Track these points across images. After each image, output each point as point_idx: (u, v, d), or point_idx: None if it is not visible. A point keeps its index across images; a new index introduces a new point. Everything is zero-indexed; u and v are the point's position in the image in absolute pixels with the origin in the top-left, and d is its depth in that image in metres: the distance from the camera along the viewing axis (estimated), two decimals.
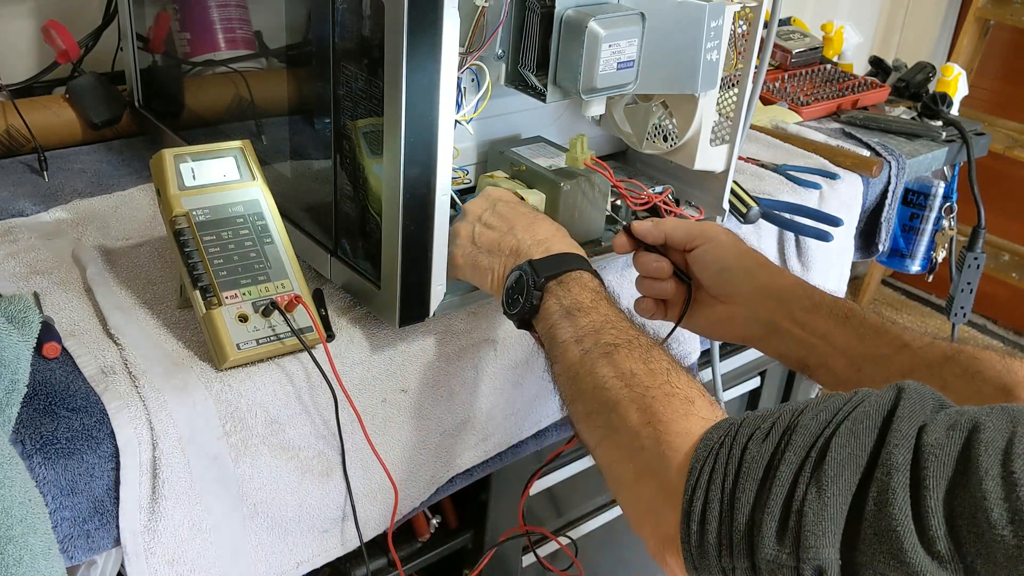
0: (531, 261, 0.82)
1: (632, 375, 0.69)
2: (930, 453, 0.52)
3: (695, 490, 0.59)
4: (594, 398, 0.71)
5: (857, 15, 2.54)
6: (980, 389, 0.77)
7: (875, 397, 0.58)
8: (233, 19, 1.07)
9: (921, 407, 0.56)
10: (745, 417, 0.62)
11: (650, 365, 0.70)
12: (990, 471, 0.50)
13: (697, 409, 0.65)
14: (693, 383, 0.68)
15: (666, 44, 0.94)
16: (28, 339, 0.78)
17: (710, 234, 0.91)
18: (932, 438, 0.53)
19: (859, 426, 0.56)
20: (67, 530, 0.74)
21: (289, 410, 0.84)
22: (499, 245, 0.86)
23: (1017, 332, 3.01)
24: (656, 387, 0.67)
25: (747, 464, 0.58)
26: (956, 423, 0.54)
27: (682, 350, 1.20)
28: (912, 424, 0.55)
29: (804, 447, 0.56)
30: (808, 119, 1.60)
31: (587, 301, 0.79)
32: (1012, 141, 2.54)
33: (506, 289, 0.84)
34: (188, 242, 0.85)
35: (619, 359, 0.71)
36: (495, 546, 1.18)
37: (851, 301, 0.87)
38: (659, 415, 0.65)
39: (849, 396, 0.59)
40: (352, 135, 0.87)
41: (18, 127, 1.19)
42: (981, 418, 0.53)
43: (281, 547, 0.88)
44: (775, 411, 0.61)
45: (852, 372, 0.83)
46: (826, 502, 0.54)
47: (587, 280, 0.81)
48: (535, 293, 0.81)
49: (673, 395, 0.66)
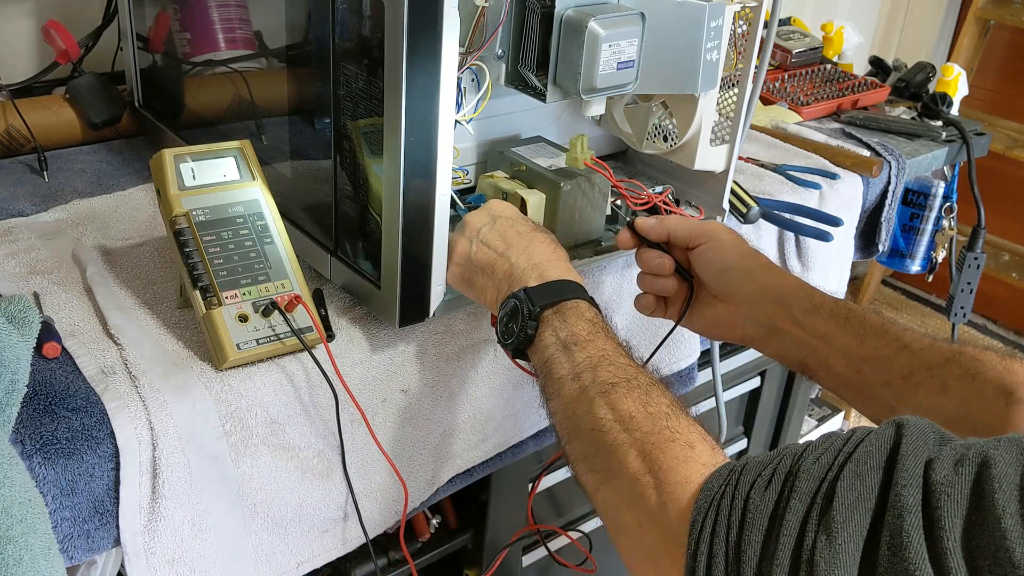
0: (526, 289, 0.80)
1: (631, 418, 0.68)
2: (942, 492, 0.51)
3: (699, 544, 0.58)
4: (592, 440, 0.69)
5: (857, 15, 2.54)
6: (980, 391, 0.76)
7: (875, 435, 0.56)
8: (233, 19, 1.07)
9: (923, 442, 0.55)
10: (745, 463, 0.60)
11: (649, 408, 0.68)
12: (1008, 508, 0.49)
13: (697, 455, 0.64)
14: (693, 426, 0.67)
15: (666, 44, 0.94)
16: (28, 339, 0.78)
17: (713, 233, 0.91)
18: (941, 475, 0.52)
19: (863, 467, 0.54)
20: (67, 530, 0.74)
21: (289, 410, 0.84)
22: (493, 267, 0.85)
23: (1017, 332, 3.01)
24: (656, 432, 0.66)
25: (751, 514, 0.56)
26: (963, 457, 0.52)
27: (682, 350, 1.20)
28: (917, 461, 0.53)
29: (809, 493, 0.55)
30: (808, 119, 1.60)
31: (584, 333, 0.77)
32: (1012, 141, 2.54)
33: (501, 318, 0.82)
34: (188, 242, 0.85)
35: (617, 400, 0.69)
36: (507, 546, 1.18)
37: (851, 302, 0.87)
38: (659, 462, 0.64)
39: (848, 435, 0.58)
40: (352, 135, 0.87)
41: (18, 127, 1.19)
42: (989, 451, 0.52)
43: (281, 547, 0.88)
44: (775, 456, 0.59)
45: (852, 373, 0.83)
46: (837, 549, 0.52)
47: (584, 310, 0.79)
48: (530, 323, 0.79)
49: (673, 440, 0.65)
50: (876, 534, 0.52)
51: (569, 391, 0.74)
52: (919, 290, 3.16)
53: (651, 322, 1.12)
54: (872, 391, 0.82)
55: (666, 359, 1.18)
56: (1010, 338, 2.99)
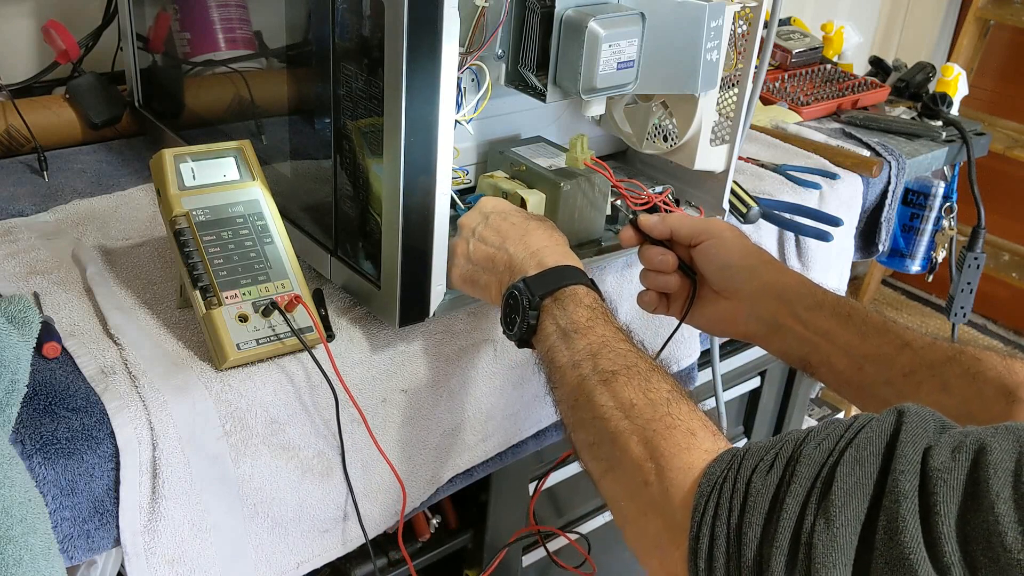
0: (525, 279, 0.81)
1: (632, 406, 0.68)
2: (938, 478, 0.51)
3: (700, 527, 0.58)
4: (595, 428, 0.70)
5: (857, 15, 2.54)
6: (981, 390, 0.76)
7: (876, 422, 0.57)
8: (233, 19, 1.07)
9: (923, 430, 0.55)
10: (748, 448, 0.61)
11: (649, 395, 0.68)
12: (1001, 494, 0.49)
13: (699, 441, 0.64)
14: (694, 412, 0.67)
15: (666, 44, 0.94)
16: (28, 339, 0.78)
17: (715, 230, 0.91)
18: (938, 462, 0.52)
19: (863, 453, 0.55)
20: (67, 530, 0.74)
21: (289, 410, 0.84)
22: (493, 261, 0.85)
23: (1017, 332, 3.01)
24: (657, 419, 0.66)
25: (752, 498, 0.57)
26: (961, 445, 0.53)
27: (682, 350, 1.20)
28: (916, 448, 0.54)
29: (809, 477, 0.56)
30: (808, 119, 1.60)
31: (583, 320, 0.77)
32: (1012, 141, 2.54)
33: (503, 309, 0.83)
34: (188, 242, 0.85)
35: (618, 387, 0.70)
36: (507, 546, 1.18)
37: (853, 300, 0.87)
38: (660, 449, 0.64)
39: (850, 422, 0.58)
40: (352, 135, 0.87)
41: (18, 127, 1.19)
42: (986, 439, 0.53)
43: (281, 547, 0.88)
44: (777, 441, 0.60)
45: (854, 371, 0.83)
46: (835, 533, 0.52)
47: (583, 296, 0.80)
48: (531, 313, 0.79)
49: (674, 427, 0.65)
50: (874, 518, 0.53)
51: (571, 380, 0.74)
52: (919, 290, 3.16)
53: (651, 321, 1.12)
54: (873, 389, 0.82)
55: (666, 358, 1.18)
56: (1010, 338, 2.99)
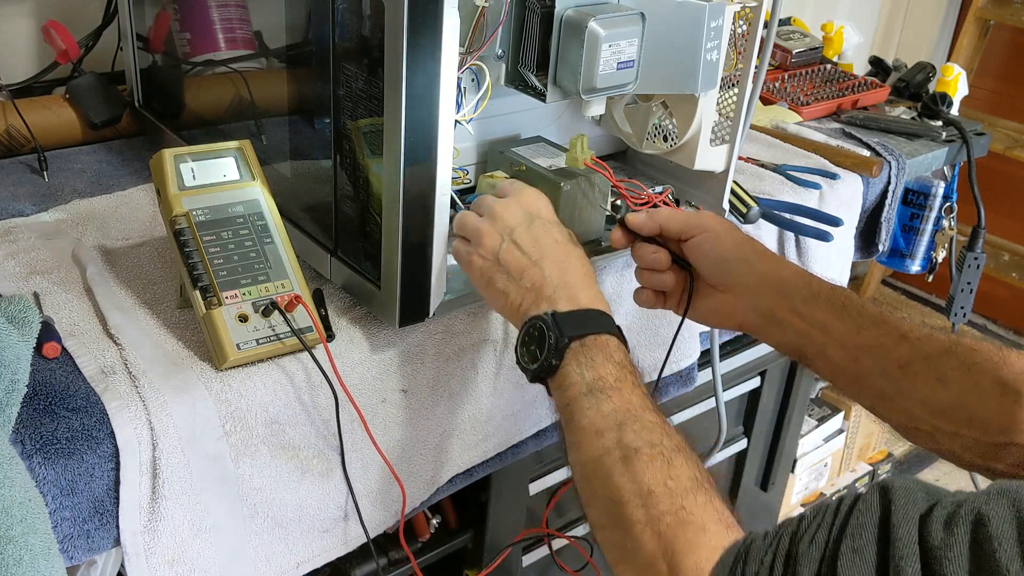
0: (555, 315, 0.78)
1: (650, 493, 0.67)
2: (943, 557, 0.51)
3: None
4: (610, 512, 0.69)
5: (857, 15, 2.54)
6: (978, 382, 0.77)
7: (863, 504, 0.56)
8: (233, 19, 1.07)
9: (913, 505, 0.55)
10: (749, 546, 0.60)
11: (669, 483, 0.67)
12: (1011, 567, 0.49)
13: (709, 538, 0.64)
14: (710, 502, 0.66)
15: (666, 44, 0.94)
16: (28, 339, 0.78)
17: (706, 224, 0.90)
18: (937, 539, 0.52)
19: (858, 541, 0.54)
20: (67, 530, 0.74)
21: (289, 410, 0.84)
22: (523, 273, 0.81)
23: (1017, 332, 3.01)
24: (672, 512, 0.65)
25: None
26: (955, 516, 0.53)
27: (682, 350, 1.20)
28: (910, 529, 0.53)
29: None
30: (808, 119, 1.60)
31: (611, 379, 0.75)
32: (1012, 141, 2.54)
33: (522, 337, 0.80)
34: (188, 242, 0.85)
35: (639, 469, 0.68)
36: (510, 545, 1.18)
37: (848, 290, 0.87)
38: (672, 547, 0.64)
39: (835, 505, 0.58)
40: (352, 135, 0.87)
41: (18, 127, 1.19)
42: (981, 507, 0.52)
43: (281, 547, 0.88)
44: (774, 537, 0.60)
45: (849, 362, 0.83)
46: None
47: (613, 350, 0.77)
48: (556, 354, 0.76)
49: (687, 523, 0.65)
50: None
51: (591, 448, 0.72)
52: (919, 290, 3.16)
53: (651, 321, 1.12)
54: (869, 380, 0.82)
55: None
56: (1010, 338, 2.99)
